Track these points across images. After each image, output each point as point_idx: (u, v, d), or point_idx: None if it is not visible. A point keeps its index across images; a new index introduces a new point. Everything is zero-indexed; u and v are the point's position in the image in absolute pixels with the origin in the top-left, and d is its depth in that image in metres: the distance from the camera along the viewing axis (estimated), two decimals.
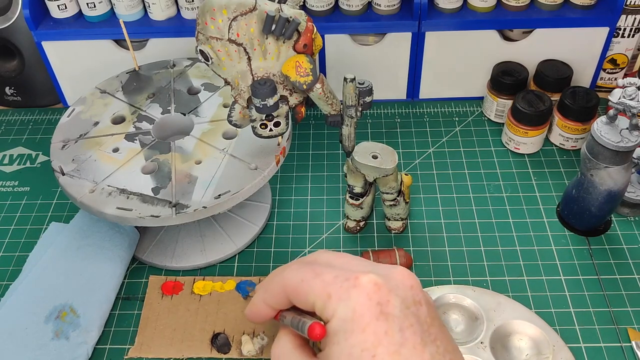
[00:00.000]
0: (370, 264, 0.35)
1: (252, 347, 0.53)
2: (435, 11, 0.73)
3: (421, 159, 0.71)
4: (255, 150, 0.56)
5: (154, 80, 0.66)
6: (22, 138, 0.77)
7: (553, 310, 0.56)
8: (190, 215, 0.52)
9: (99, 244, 0.59)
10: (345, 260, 0.36)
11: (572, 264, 0.59)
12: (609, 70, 0.77)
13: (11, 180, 0.72)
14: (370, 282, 0.31)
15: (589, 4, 0.71)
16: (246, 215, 0.64)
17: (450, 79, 0.78)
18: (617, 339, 0.53)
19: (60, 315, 0.54)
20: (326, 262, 0.36)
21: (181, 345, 0.54)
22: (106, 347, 0.55)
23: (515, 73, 0.72)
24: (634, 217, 0.64)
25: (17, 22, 0.74)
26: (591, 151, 0.56)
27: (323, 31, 0.72)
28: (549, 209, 0.65)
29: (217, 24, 0.46)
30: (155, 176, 0.55)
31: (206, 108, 0.62)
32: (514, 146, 0.71)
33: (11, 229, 0.66)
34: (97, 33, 0.73)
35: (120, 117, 0.62)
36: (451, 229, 0.63)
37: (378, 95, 0.78)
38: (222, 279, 0.59)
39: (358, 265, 0.35)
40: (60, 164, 0.57)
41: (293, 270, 0.35)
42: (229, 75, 0.49)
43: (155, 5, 0.73)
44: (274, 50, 0.47)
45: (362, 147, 0.56)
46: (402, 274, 0.33)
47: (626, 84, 0.53)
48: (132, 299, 0.59)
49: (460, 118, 0.77)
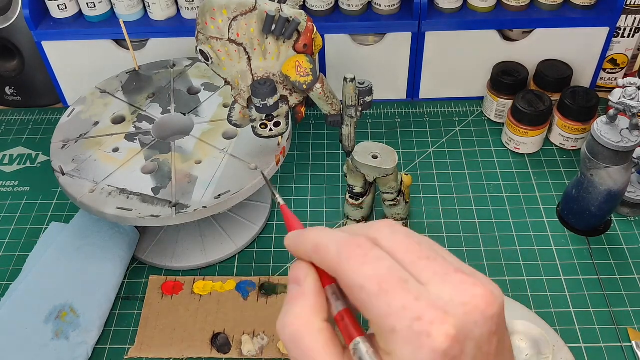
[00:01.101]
0: (451, 280, 0.27)
1: (252, 347, 0.53)
2: (435, 11, 0.73)
3: (421, 159, 0.71)
4: (255, 150, 0.56)
5: (154, 80, 0.66)
6: (22, 138, 0.77)
7: (553, 310, 0.56)
8: (190, 215, 0.52)
9: (99, 244, 0.59)
10: (429, 263, 0.28)
11: (572, 264, 0.59)
12: (609, 70, 0.77)
13: (11, 180, 0.72)
14: (447, 337, 0.26)
15: (589, 4, 0.71)
16: (246, 215, 0.64)
17: (450, 79, 0.78)
18: (617, 339, 0.53)
19: (60, 315, 0.54)
20: (405, 259, 0.28)
21: (181, 345, 0.54)
22: (106, 347, 0.55)
23: (515, 73, 0.72)
24: (634, 217, 0.64)
25: (17, 22, 0.74)
26: (591, 151, 0.55)
27: (323, 31, 0.72)
28: (549, 209, 0.65)
29: (217, 24, 0.46)
30: (155, 176, 0.55)
31: (206, 108, 0.62)
32: (514, 146, 0.71)
33: (11, 228, 0.66)
34: (97, 33, 0.73)
35: (120, 117, 0.62)
36: (451, 229, 0.63)
37: (378, 95, 0.78)
38: (222, 279, 0.59)
39: (437, 281, 0.27)
40: (61, 163, 0.57)
41: (371, 262, 0.27)
42: (229, 75, 0.49)
43: (155, 5, 0.73)
44: (274, 50, 0.47)
45: (362, 147, 0.56)
46: (486, 302, 0.27)
47: (626, 83, 0.53)
48: (132, 298, 0.59)
49: (460, 118, 0.77)
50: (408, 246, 0.28)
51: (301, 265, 0.31)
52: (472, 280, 0.28)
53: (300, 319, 0.29)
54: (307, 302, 0.29)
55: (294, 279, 0.31)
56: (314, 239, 0.30)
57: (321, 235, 0.30)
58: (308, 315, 0.29)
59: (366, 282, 0.27)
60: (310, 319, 0.29)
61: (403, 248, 0.28)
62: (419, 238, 0.29)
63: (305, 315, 0.29)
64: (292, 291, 0.30)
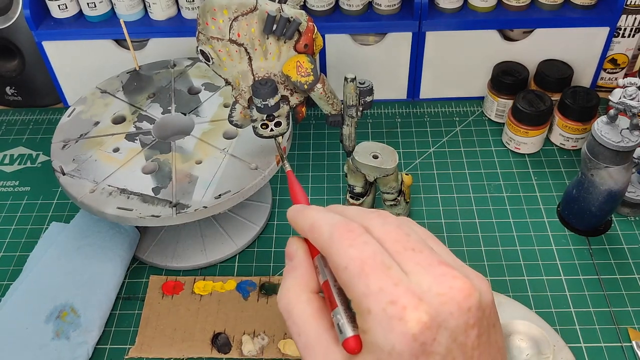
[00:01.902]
0: (433, 271, 0.28)
1: (252, 347, 0.53)
2: (435, 11, 0.73)
3: (422, 159, 0.71)
4: (255, 150, 0.56)
5: (154, 80, 0.66)
6: (23, 138, 0.77)
7: (553, 310, 0.56)
8: (190, 215, 0.52)
9: (99, 243, 0.59)
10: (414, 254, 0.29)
11: (573, 263, 0.59)
12: (609, 70, 0.77)
13: (12, 180, 0.72)
14: (418, 323, 0.27)
15: (590, 3, 0.71)
16: (247, 215, 0.64)
17: (450, 78, 0.78)
18: (618, 339, 0.53)
19: (60, 315, 0.54)
20: (392, 248, 0.29)
21: (182, 345, 0.54)
22: (107, 347, 0.55)
23: (516, 73, 0.72)
24: (634, 217, 0.64)
25: (18, 22, 0.74)
26: (592, 151, 0.56)
27: (324, 31, 0.72)
28: (550, 208, 0.65)
29: (218, 24, 0.46)
30: (155, 176, 0.55)
31: (207, 108, 0.62)
32: (514, 146, 0.71)
33: (12, 228, 0.66)
34: (97, 33, 0.73)
35: (121, 117, 0.62)
36: (451, 228, 0.63)
37: (378, 95, 0.78)
38: (223, 279, 0.59)
39: (419, 271, 0.28)
40: (61, 163, 0.57)
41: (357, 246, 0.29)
42: (230, 76, 0.49)
43: (155, 5, 0.73)
44: (274, 50, 0.47)
45: (362, 147, 0.56)
46: (463, 295, 0.28)
47: (627, 83, 0.53)
48: (133, 298, 0.59)
49: (461, 118, 0.77)
50: (396, 236, 0.30)
51: (293, 241, 0.34)
52: (454, 273, 0.29)
53: (291, 291, 0.31)
54: (297, 275, 0.32)
55: (287, 255, 0.34)
56: (311, 218, 0.32)
57: (318, 216, 0.32)
58: (297, 287, 0.31)
59: (350, 263, 0.29)
60: (299, 291, 0.31)
61: (392, 238, 0.30)
62: (409, 230, 0.31)
63: (295, 288, 0.31)
64: (286, 266, 0.33)
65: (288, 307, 0.31)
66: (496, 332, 0.30)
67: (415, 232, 0.31)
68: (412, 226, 0.31)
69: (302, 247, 0.33)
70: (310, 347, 0.30)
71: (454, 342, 0.28)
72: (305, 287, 0.32)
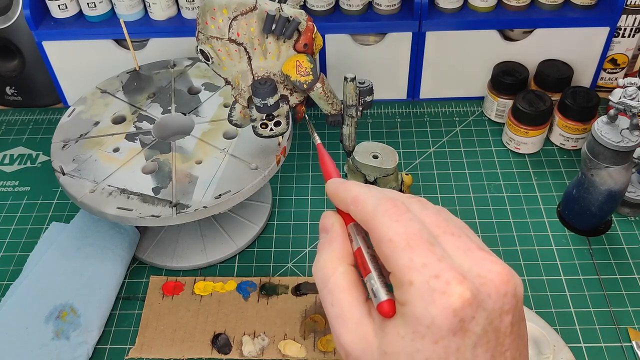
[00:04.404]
0: (472, 255, 0.29)
1: (252, 348, 0.53)
2: (435, 11, 0.73)
3: (422, 159, 0.71)
4: (255, 150, 0.56)
5: (154, 80, 0.66)
6: (23, 138, 0.77)
7: (553, 310, 0.56)
8: (190, 215, 0.52)
9: (99, 243, 0.59)
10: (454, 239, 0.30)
11: (573, 263, 0.59)
12: (609, 70, 0.77)
13: (12, 180, 0.72)
14: (460, 298, 0.27)
15: (590, 3, 0.71)
16: (247, 215, 0.64)
17: (450, 78, 0.78)
18: (618, 339, 0.53)
19: (60, 315, 0.54)
20: (432, 231, 0.30)
21: (182, 345, 0.54)
22: (107, 347, 0.55)
23: (516, 73, 0.72)
24: (635, 217, 0.64)
25: (18, 22, 0.74)
26: (592, 151, 0.55)
27: (323, 31, 0.72)
28: (550, 208, 0.65)
29: (217, 24, 0.46)
30: (155, 176, 0.55)
31: (207, 108, 0.62)
32: (514, 146, 0.71)
33: (12, 228, 0.66)
34: (97, 33, 0.73)
35: (121, 117, 0.62)
36: None
37: (378, 95, 0.78)
38: (223, 279, 0.59)
39: (460, 254, 0.29)
40: (61, 163, 0.57)
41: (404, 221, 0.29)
42: (230, 75, 0.49)
43: (155, 5, 0.73)
44: (274, 50, 0.47)
45: (362, 146, 0.56)
46: (501, 279, 0.29)
47: (627, 83, 0.53)
48: (133, 299, 0.59)
49: (461, 118, 0.77)
50: (436, 221, 0.30)
51: (329, 215, 0.34)
52: (492, 258, 0.30)
53: (328, 263, 0.32)
54: (335, 248, 0.33)
55: (322, 228, 0.34)
56: (354, 191, 0.32)
57: (362, 190, 0.32)
58: (335, 259, 0.32)
59: (395, 236, 0.29)
60: (337, 263, 0.32)
61: (432, 221, 0.31)
62: (447, 215, 0.31)
63: (333, 259, 0.32)
64: (321, 239, 0.34)
65: (324, 278, 0.32)
66: (524, 327, 0.31)
67: (452, 220, 0.32)
68: (449, 214, 0.32)
69: (338, 220, 0.34)
70: (342, 317, 0.30)
71: (490, 324, 0.28)
72: (342, 259, 0.32)
